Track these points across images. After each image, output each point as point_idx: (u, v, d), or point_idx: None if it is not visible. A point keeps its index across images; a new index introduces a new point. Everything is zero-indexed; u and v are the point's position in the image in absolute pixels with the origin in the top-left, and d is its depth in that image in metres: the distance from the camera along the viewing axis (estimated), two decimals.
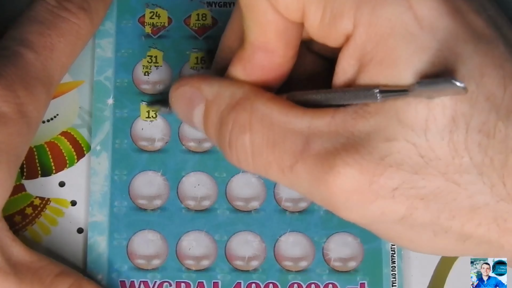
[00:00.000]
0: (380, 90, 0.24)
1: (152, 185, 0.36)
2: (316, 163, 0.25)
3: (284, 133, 0.26)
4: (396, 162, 0.24)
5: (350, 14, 0.25)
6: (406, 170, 0.24)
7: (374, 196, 0.24)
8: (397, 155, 0.24)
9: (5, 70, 0.30)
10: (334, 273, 0.35)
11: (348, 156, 0.24)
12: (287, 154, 0.26)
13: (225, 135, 0.28)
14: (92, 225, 0.35)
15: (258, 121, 0.27)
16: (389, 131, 0.24)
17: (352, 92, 0.25)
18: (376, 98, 0.24)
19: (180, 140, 0.36)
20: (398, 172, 0.24)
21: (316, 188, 0.26)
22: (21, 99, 0.30)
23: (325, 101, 0.26)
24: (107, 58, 0.36)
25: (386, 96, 0.24)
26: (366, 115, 0.25)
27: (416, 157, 0.24)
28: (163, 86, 0.36)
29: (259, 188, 0.36)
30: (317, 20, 0.26)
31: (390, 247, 0.35)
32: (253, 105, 0.27)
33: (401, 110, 0.24)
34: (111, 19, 0.37)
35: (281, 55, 0.28)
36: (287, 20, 0.27)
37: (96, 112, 0.36)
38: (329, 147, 0.25)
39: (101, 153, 0.36)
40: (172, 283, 0.35)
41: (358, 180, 0.24)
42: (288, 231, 0.36)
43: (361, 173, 0.24)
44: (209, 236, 0.35)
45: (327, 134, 0.25)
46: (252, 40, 0.28)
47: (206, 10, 0.37)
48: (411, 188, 0.24)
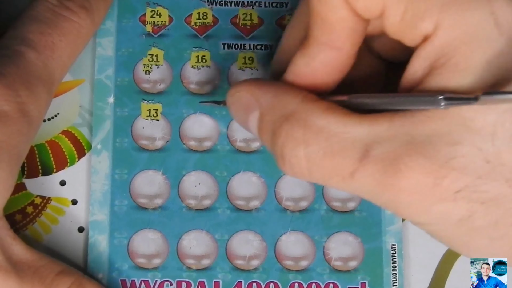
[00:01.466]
0: (445, 97, 0.24)
1: (152, 184, 0.36)
2: (378, 168, 0.25)
3: (342, 143, 0.26)
4: (460, 165, 0.24)
5: (433, 15, 0.25)
6: (470, 174, 0.24)
7: (437, 198, 0.25)
8: (462, 159, 0.24)
9: (6, 69, 0.30)
10: (335, 273, 0.35)
11: (411, 160, 0.24)
12: (346, 162, 0.26)
13: (277, 146, 0.28)
14: (92, 224, 0.35)
15: (313, 134, 0.27)
16: (454, 135, 0.24)
17: (416, 97, 0.25)
18: (439, 105, 0.24)
19: (181, 139, 0.36)
20: (461, 175, 0.24)
21: (380, 193, 0.26)
22: (22, 98, 0.30)
23: (386, 105, 0.26)
24: (108, 56, 0.36)
25: (451, 103, 0.24)
26: (426, 120, 0.25)
27: (481, 162, 0.24)
28: (164, 85, 0.36)
29: (260, 187, 0.36)
30: (397, 18, 0.26)
31: (391, 247, 0.35)
32: (308, 117, 0.27)
33: (468, 115, 0.24)
34: (111, 17, 0.37)
35: (347, 53, 0.28)
36: (358, 18, 0.26)
37: (96, 111, 0.36)
38: (390, 152, 0.25)
39: (102, 152, 0.36)
40: (172, 282, 0.35)
41: (422, 182, 0.24)
42: (289, 231, 0.36)
43: (425, 176, 0.24)
44: (209, 235, 0.35)
45: (387, 139, 0.25)
46: (319, 36, 0.27)
47: (207, 8, 0.37)
48: (474, 192, 0.24)
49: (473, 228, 0.25)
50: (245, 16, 0.37)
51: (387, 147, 0.25)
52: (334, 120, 0.27)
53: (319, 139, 0.27)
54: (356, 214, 0.36)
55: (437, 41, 0.25)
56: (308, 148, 0.27)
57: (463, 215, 0.25)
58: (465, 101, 0.23)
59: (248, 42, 0.37)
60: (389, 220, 0.36)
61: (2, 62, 0.30)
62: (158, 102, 0.36)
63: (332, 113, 0.27)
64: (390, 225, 0.36)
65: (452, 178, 0.24)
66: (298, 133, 0.27)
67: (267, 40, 0.37)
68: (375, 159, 0.25)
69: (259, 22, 0.37)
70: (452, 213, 0.25)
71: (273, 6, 0.37)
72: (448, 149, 0.24)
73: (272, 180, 0.36)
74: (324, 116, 0.27)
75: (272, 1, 0.37)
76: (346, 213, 0.36)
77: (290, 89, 0.29)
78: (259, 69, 0.37)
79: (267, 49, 0.37)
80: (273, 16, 0.37)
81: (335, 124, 0.26)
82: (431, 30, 0.25)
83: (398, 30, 0.26)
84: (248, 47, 0.37)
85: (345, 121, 0.26)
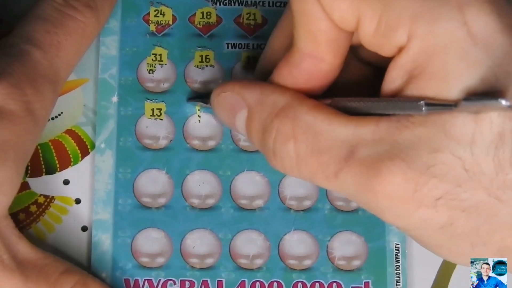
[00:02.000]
0: (426, 103, 0.24)
1: (156, 183, 0.36)
2: (361, 170, 0.25)
3: (328, 141, 0.27)
4: (441, 173, 0.24)
5: (406, 27, 0.25)
6: (450, 182, 0.24)
7: (417, 204, 0.25)
8: (442, 166, 0.24)
9: (13, 68, 0.30)
10: (338, 272, 0.35)
11: (393, 164, 0.25)
12: (332, 161, 0.26)
13: (268, 143, 0.28)
14: (96, 223, 0.35)
15: (301, 130, 0.27)
16: (435, 142, 0.24)
17: (398, 103, 0.25)
18: (421, 110, 0.24)
19: (185, 138, 0.36)
20: (441, 183, 0.24)
21: (362, 194, 0.26)
22: (28, 97, 0.30)
23: (369, 109, 0.26)
24: (112, 56, 0.36)
25: (432, 109, 0.24)
26: (410, 125, 0.25)
27: (460, 170, 0.24)
28: (167, 84, 0.36)
29: (263, 187, 0.36)
30: (371, 30, 0.26)
31: (394, 246, 0.35)
32: (297, 113, 0.27)
33: (447, 123, 0.24)
34: (115, 17, 0.37)
35: (330, 63, 0.28)
36: (339, 30, 0.27)
37: (100, 110, 0.36)
38: (374, 155, 0.25)
39: (106, 151, 0.36)
40: (176, 281, 0.35)
41: (403, 188, 0.25)
42: (293, 230, 0.36)
43: (406, 181, 0.24)
44: (213, 234, 0.35)
45: (372, 142, 0.25)
46: (301, 46, 0.28)
47: (211, 8, 0.37)
48: (454, 200, 0.24)
49: (455, 235, 0.25)
50: (249, 15, 0.37)
51: (371, 150, 0.25)
52: (321, 118, 0.27)
53: (307, 136, 0.27)
54: (360, 213, 0.36)
55: (412, 52, 0.25)
56: (297, 144, 0.27)
57: (445, 222, 0.25)
58: (445, 107, 0.24)
59: (252, 42, 0.37)
60: None
61: (8, 61, 0.31)
62: (161, 102, 0.36)
63: (320, 111, 0.27)
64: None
65: (432, 185, 0.24)
66: (288, 129, 0.27)
67: None
68: (359, 161, 0.26)
69: (263, 21, 0.37)
70: (434, 219, 0.25)
71: (277, 6, 0.37)
72: (429, 156, 0.24)
73: (275, 179, 0.36)
74: (312, 113, 0.27)
75: (276, 1, 0.37)
76: (350, 212, 0.36)
77: (276, 87, 0.29)
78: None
79: None
80: (277, 15, 0.37)
81: (322, 122, 0.27)
82: (405, 41, 0.25)
83: (373, 41, 0.26)
84: (252, 46, 0.37)
85: (331, 119, 0.27)
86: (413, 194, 0.25)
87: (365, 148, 0.26)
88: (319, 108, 0.27)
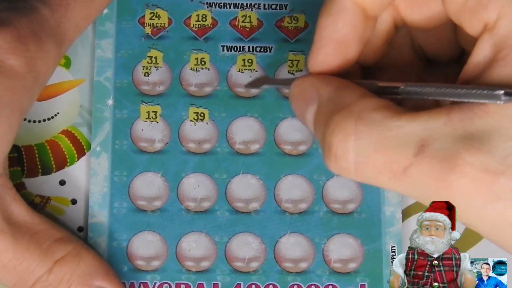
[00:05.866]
0: (506, 92, 0.24)
1: (152, 186, 0.36)
2: (434, 164, 0.25)
3: (396, 137, 0.26)
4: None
5: (497, 5, 0.25)
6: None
7: (494, 196, 0.24)
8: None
9: (20, 22, 0.30)
10: (334, 275, 0.35)
11: (469, 156, 0.24)
12: (400, 157, 0.25)
13: (326, 136, 0.27)
14: (92, 226, 0.35)
15: (365, 126, 0.26)
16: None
17: (474, 90, 0.24)
18: (499, 99, 0.24)
19: (180, 141, 0.36)
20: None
21: (435, 191, 0.25)
22: (31, 53, 0.30)
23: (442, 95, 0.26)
24: (107, 58, 0.36)
25: (511, 99, 0.24)
26: (483, 115, 0.24)
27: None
28: (163, 87, 0.36)
29: (259, 189, 0.36)
30: (459, 3, 0.26)
31: (390, 248, 0.35)
32: (363, 110, 0.27)
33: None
34: (111, 19, 0.37)
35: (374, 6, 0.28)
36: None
37: (96, 113, 0.36)
38: (448, 147, 0.24)
39: (101, 154, 0.36)
40: (172, 285, 0.35)
41: (480, 179, 0.24)
42: (288, 233, 0.36)
43: (484, 172, 0.24)
44: (209, 237, 0.35)
45: (445, 135, 0.25)
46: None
47: (206, 11, 0.37)
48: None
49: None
50: (244, 18, 0.37)
51: (444, 143, 0.25)
52: (389, 115, 0.26)
53: (371, 132, 0.26)
54: (356, 216, 0.36)
55: (501, 31, 0.25)
56: (358, 141, 0.26)
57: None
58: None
59: (247, 44, 0.37)
60: (388, 222, 0.36)
61: (16, 15, 0.30)
62: (157, 104, 0.36)
63: (387, 109, 0.26)
64: (390, 226, 0.36)
65: (510, 175, 0.24)
66: (350, 124, 0.26)
67: (267, 42, 0.37)
68: (432, 155, 0.25)
69: (258, 24, 0.37)
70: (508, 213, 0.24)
71: (272, 8, 0.37)
72: (506, 145, 0.24)
73: (271, 182, 0.36)
74: (379, 111, 0.26)
75: (271, 3, 0.37)
76: (346, 215, 0.36)
77: (350, 85, 0.28)
78: (258, 71, 0.37)
79: (267, 51, 0.37)
80: (273, 18, 0.37)
81: (390, 118, 0.26)
82: (493, 20, 0.25)
83: (460, 13, 0.26)
84: (247, 49, 0.37)
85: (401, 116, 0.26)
86: (490, 186, 0.24)
87: (438, 141, 0.25)
88: (387, 107, 0.27)
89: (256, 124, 0.36)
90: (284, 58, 0.37)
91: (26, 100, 0.31)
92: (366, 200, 0.36)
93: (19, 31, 0.30)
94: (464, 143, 0.24)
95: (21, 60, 0.30)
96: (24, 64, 0.30)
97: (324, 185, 0.36)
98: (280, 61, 0.37)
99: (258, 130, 0.36)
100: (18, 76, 0.30)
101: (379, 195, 0.36)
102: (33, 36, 0.30)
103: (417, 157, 0.25)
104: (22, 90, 0.30)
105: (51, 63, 0.32)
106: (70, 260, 0.32)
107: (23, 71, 0.30)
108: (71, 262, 0.32)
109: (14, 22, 0.30)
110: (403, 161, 0.25)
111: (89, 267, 0.33)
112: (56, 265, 0.32)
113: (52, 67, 0.32)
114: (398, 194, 0.36)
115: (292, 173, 0.36)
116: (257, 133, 0.36)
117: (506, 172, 0.24)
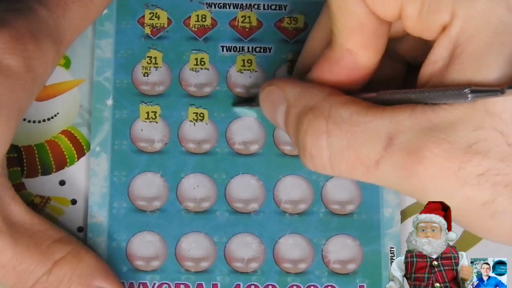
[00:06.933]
0: (471, 90, 0.24)
1: (151, 187, 0.36)
2: (403, 156, 0.26)
3: (365, 132, 0.27)
4: (483, 149, 0.25)
5: (448, 7, 0.25)
6: (493, 157, 0.25)
7: (461, 182, 0.25)
8: (484, 143, 0.25)
9: (17, 22, 0.30)
10: (333, 275, 0.35)
11: (435, 146, 0.25)
12: (371, 151, 0.27)
13: (300, 136, 0.28)
14: (91, 226, 0.35)
15: (336, 124, 0.27)
16: (477, 120, 0.25)
17: (442, 92, 0.25)
18: (467, 98, 0.24)
19: (180, 142, 0.36)
20: (485, 159, 0.25)
21: (405, 180, 0.26)
22: (29, 53, 0.30)
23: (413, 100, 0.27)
24: (107, 59, 0.36)
25: (477, 96, 0.24)
26: (447, 107, 0.25)
27: (503, 145, 0.24)
28: (162, 87, 0.36)
29: (258, 190, 0.36)
30: (415, 14, 0.26)
31: (389, 250, 0.35)
32: (332, 108, 0.28)
33: (488, 101, 0.24)
34: (110, 19, 0.37)
35: (370, 58, 0.28)
36: (379, 22, 0.27)
37: (95, 113, 0.36)
38: (414, 140, 0.25)
39: (101, 154, 0.36)
40: (171, 285, 0.35)
41: (447, 168, 0.25)
42: (288, 233, 0.36)
43: (450, 161, 0.25)
44: (208, 237, 0.35)
45: (410, 127, 0.26)
46: (342, 42, 0.28)
47: (205, 11, 0.37)
48: (497, 175, 0.25)
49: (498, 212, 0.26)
50: (244, 18, 0.37)
51: (411, 135, 0.26)
52: (356, 111, 0.27)
53: (341, 130, 0.27)
54: (355, 217, 0.36)
55: (454, 31, 0.25)
56: (330, 138, 0.27)
57: (487, 199, 0.25)
58: (491, 93, 0.24)
59: (247, 45, 0.37)
60: (387, 223, 0.36)
61: (14, 15, 0.30)
62: (156, 104, 0.36)
63: (354, 105, 0.27)
64: (389, 228, 0.36)
65: (475, 162, 0.25)
66: (321, 123, 0.28)
67: (266, 42, 0.37)
68: (400, 147, 0.26)
69: (258, 24, 0.37)
70: (477, 197, 0.25)
71: (272, 9, 0.37)
72: (472, 134, 0.25)
73: (270, 182, 0.36)
74: (347, 107, 0.27)
75: (271, 4, 0.37)
76: (345, 216, 0.36)
77: (316, 85, 0.29)
78: (258, 72, 0.37)
79: (266, 51, 0.37)
80: (272, 18, 0.37)
81: (358, 114, 0.27)
82: (447, 21, 0.25)
83: (417, 26, 0.27)
84: (247, 49, 0.37)
85: (368, 111, 0.27)
86: (457, 173, 0.25)
87: (404, 134, 0.26)
88: (354, 102, 0.28)
89: (255, 124, 0.36)
90: (284, 59, 0.37)
91: (24, 99, 0.31)
92: (365, 201, 0.36)
93: (17, 31, 0.30)
94: (429, 134, 0.25)
95: (19, 60, 0.30)
96: (21, 64, 0.30)
97: (324, 186, 0.36)
98: (279, 62, 0.37)
99: (258, 131, 0.36)
100: (16, 76, 0.30)
101: (378, 196, 0.36)
102: (31, 36, 0.30)
103: (386, 150, 0.26)
104: (20, 89, 0.31)
105: (49, 63, 0.32)
106: (70, 260, 0.33)
107: (21, 71, 0.30)
108: (71, 262, 0.33)
109: (11, 22, 0.30)
110: (374, 155, 0.26)
111: (88, 267, 0.33)
112: (56, 266, 0.32)
113: (51, 67, 0.32)
114: (397, 195, 0.36)
115: (291, 174, 0.36)
116: (257, 134, 0.36)
117: (471, 159, 0.25)
